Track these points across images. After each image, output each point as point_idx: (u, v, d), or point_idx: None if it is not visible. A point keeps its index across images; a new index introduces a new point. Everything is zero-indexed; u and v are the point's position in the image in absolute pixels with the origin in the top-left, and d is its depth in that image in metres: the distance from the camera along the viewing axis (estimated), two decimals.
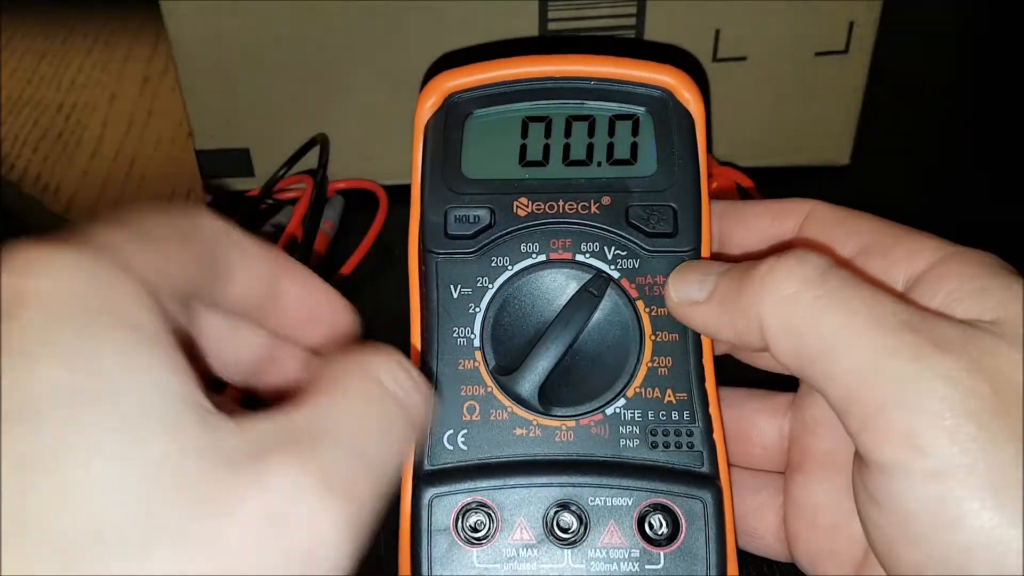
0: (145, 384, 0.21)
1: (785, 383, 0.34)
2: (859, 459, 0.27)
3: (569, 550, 0.31)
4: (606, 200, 0.33)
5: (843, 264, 0.28)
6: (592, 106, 0.34)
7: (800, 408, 0.33)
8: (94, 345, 0.21)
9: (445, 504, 0.31)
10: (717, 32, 0.55)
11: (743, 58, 0.56)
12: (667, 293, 0.31)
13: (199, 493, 0.20)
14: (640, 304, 0.32)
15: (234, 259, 0.27)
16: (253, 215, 0.56)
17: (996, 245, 0.29)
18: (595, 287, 0.32)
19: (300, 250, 0.51)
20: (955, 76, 0.74)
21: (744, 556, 0.31)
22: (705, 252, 0.32)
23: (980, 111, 0.70)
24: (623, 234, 0.32)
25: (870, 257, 0.30)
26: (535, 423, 0.31)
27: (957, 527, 0.24)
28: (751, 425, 0.34)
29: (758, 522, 0.33)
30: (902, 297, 0.27)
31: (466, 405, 0.32)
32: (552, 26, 0.54)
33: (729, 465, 0.32)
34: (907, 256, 0.29)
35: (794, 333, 0.27)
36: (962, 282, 0.27)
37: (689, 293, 0.30)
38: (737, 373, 0.34)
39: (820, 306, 0.26)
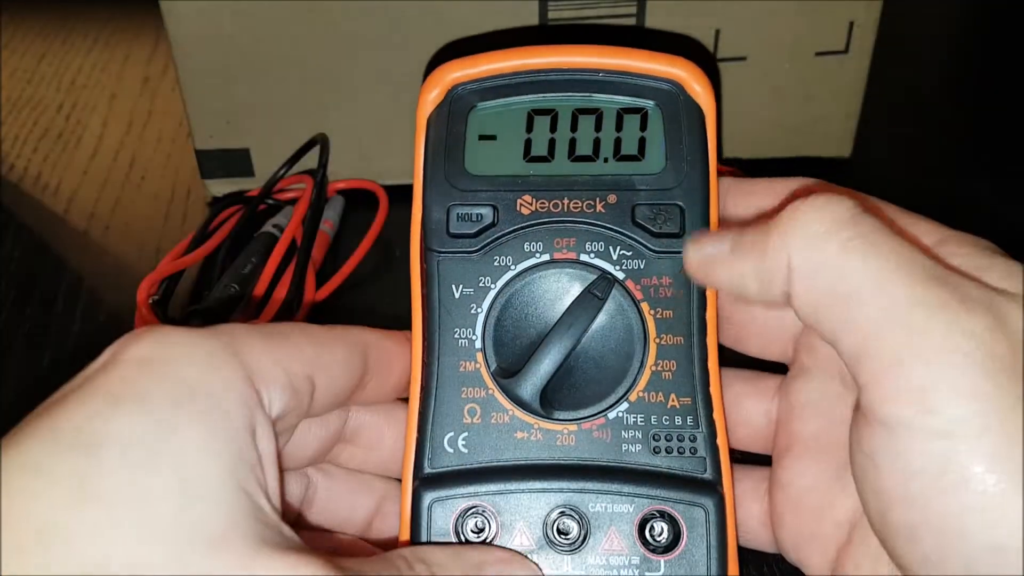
0: (211, 464, 0.23)
1: (772, 369, 0.34)
2: (861, 417, 0.26)
3: (569, 556, 0.30)
4: (612, 198, 0.32)
5: (872, 211, 0.27)
6: (599, 99, 0.33)
7: (788, 391, 0.33)
8: (178, 414, 0.23)
9: (445, 508, 0.30)
10: (717, 32, 0.55)
11: (743, 58, 0.56)
12: (686, 257, 0.30)
13: (236, 558, 0.22)
14: (645, 306, 0.31)
15: (377, 361, 0.31)
16: (253, 215, 0.56)
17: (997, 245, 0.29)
18: (599, 288, 0.31)
19: (300, 250, 0.51)
20: (955, 76, 0.74)
21: (744, 556, 0.31)
22: None
23: (980, 111, 0.69)
24: (629, 234, 0.32)
25: None
26: (536, 427, 0.31)
27: (958, 489, 0.24)
28: (738, 408, 0.34)
29: (742, 508, 0.33)
30: (928, 252, 0.27)
31: (467, 408, 0.31)
32: (552, 24, 0.54)
33: (733, 471, 0.32)
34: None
35: (821, 273, 0.26)
36: (962, 260, 0.27)
37: (710, 250, 0.30)
38: (723, 358, 0.33)
39: (852, 247, 0.26)
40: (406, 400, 0.32)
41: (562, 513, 0.30)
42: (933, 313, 0.24)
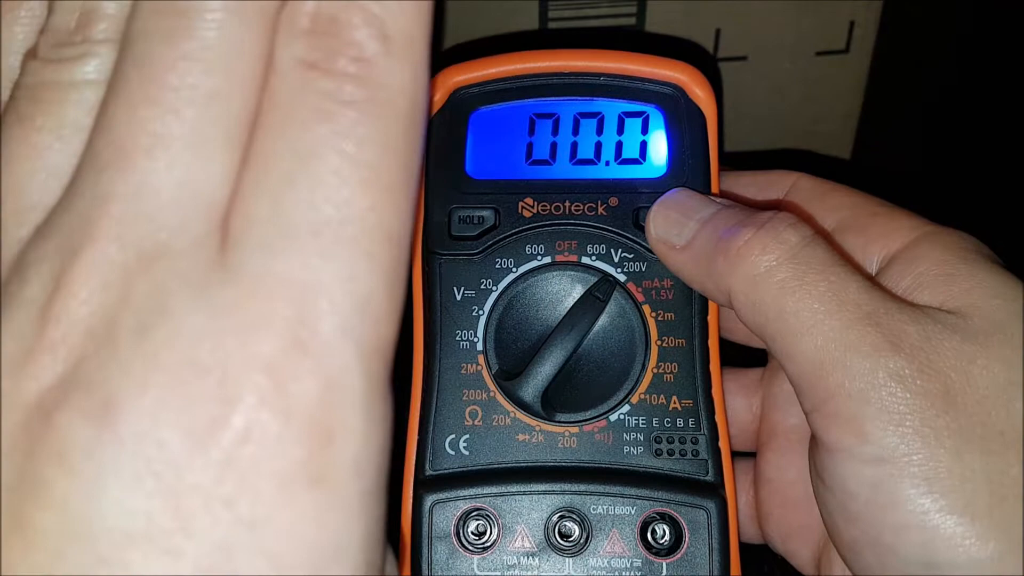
0: None
1: (758, 359, 0.35)
2: (812, 438, 0.28)
3: (570, 559, 0.30)
4: (613, 201, 0.32)
5: (822, 235, 0.28)
6: (601, 102, 0.33)
7: (769, 384, 0.34)
8: None
9: (446, 510, 0.30)
10: (718, 31, 0.55)
11: (743, 57, 0.56)
12: (647, 224, 0.31)
13: None
14: (646, 308, 0.31)
15: None
16: None
17: (996, 247, 0.29)
18: (600, 291, 0.31)
19: None
20: (957, 76, 0.74)
21: (744, 556, 0.31)
22: None
23: (982, 111, 0.69)
24: (630, 236, 0.32)
25: (848, 233, 0.30)
26: (538, 429, 0.31)
27: (891, 509, 0.25)
28: None
29: None
30: (871, 280, 0.28)
31: (468, 410, 0.31)
32: (552, 26, 0.54)
33: (734, 473, 0.32)
34: (883, 235, 0.30)
35: (759, 310, 0.27)
36: (930, 266, 0.28)
37: (668, 235, 0.30)
38: None
39: (788, 288, 0.27)
40: None
41: (563, 515, 0.30)
42: (864, 355, 0.26)
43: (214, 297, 0.17)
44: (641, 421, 0.31)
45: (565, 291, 0.32)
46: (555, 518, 0.30)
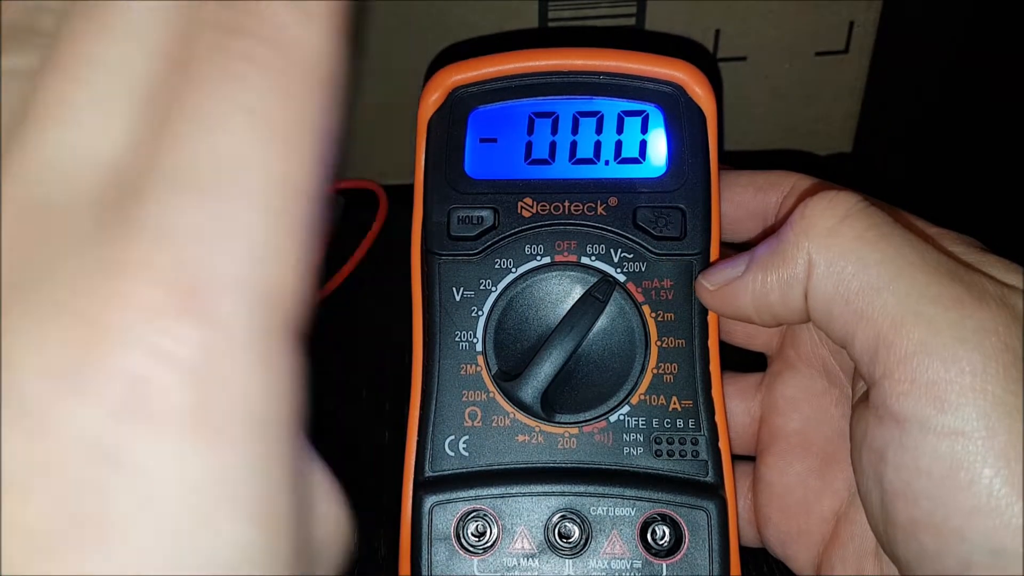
0: None
1: (756, 363, 0.34)
2: (870, 412, 0.26)
3: (570, 560, 0.30)
4: (613, 201, 0.32)
5: (877, 205, 0.28)
6: (600, 101, 0.33)
7: (771, 386, 0.33)
8: None
9: (446, 512, 0.30)
10: (717, 32, 0.55)
11: (743, 58, 0.56)
12: (700, 287, 0.31)
13: None
14: (646, 309, 0.31)
15: None
16: None
17: (996, 247, 0.29)
18: (600, 291, 0.31)
19: None
20: (955, 77, 0.74)
21: (744, 556, 0.31)
22: (714, 255, 0.32)
23: (980, 111, 0.69)
24: (630, 236, 0.32)
25: None
26: (537, 430, 0.31)
27: (965, 490, 0.24)
28: None
29: None
30: (937, 246, 0.27)
31: (468, 411, 0.31)
32: (552, 26, 0.54)
33: (734, 474, 0.32)
34: None
35: (839, 264, 0.27)
36: (955, 256, 0.27)
37: (725, 275, 0.30)
38: None
39: (870, 238, 0.26)
40: None
41: (563, 516, 0.30)
42: (948, 308, 0.25)
43: (102, 249, 0.17)
44: (641, 422, 0.31)
45: (565, 292, 0.32)
46: (555, 519, 0.30)
